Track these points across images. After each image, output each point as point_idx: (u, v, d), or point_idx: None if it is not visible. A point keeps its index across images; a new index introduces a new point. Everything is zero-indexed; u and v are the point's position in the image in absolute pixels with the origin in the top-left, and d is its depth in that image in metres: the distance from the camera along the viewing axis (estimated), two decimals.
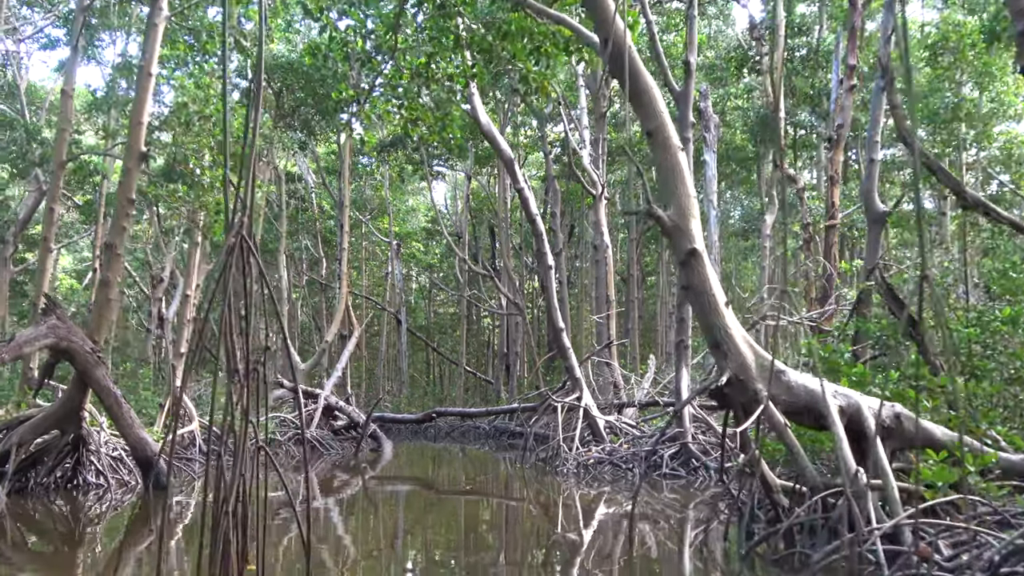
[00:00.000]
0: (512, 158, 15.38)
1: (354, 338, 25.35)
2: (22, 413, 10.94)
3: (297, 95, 25.06)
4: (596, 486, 13.65)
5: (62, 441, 10.79)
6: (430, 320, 48.87)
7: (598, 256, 21.24)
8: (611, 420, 15.77)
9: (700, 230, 7.28)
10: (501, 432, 25.62)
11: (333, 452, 19.68)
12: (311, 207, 35.54)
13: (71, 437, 10.80)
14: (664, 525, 10.50)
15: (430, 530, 10.87)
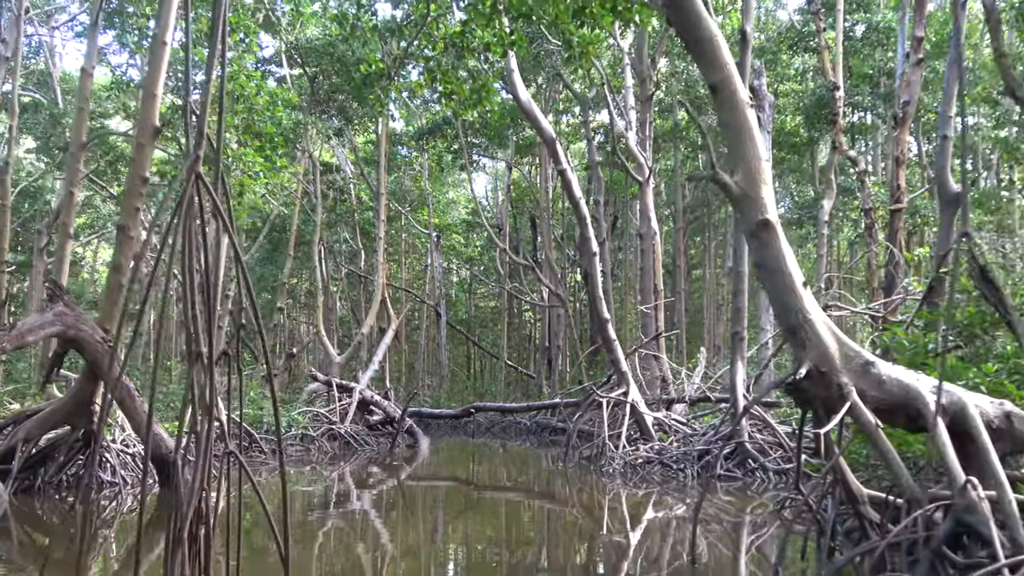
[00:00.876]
0: (554, 137, 14.44)
1: (391, 330, 24.58)
2: (29, 407, 10.26)
3: (332, 80, 24.34)
4: (644, 487, 12.71)
5: (72, 437, 10.09)
6: (471, 314, 48.09)
7: (644, 245, 20.24)
8: (660, 417, 14.78)
9: (772, 198, 6.31)
10: (543, 428, 24.72)
11: (367, 448, 18.92)
12: (349, 198, 34.85)
13: (81, 433, 10.10)
14: (717, 529, 9.67)
15: (468, 531, 10.22)
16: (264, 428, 17.05)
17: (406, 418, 19.68)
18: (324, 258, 34.92)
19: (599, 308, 14.68)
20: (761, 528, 9.39)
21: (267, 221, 31.91)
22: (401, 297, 39.04)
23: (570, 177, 14.51)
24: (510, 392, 35.90)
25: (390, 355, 35.96)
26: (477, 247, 44.58)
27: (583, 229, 14.78)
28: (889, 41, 22.38)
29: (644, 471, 13.32)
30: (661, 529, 9.87)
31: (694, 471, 12.73)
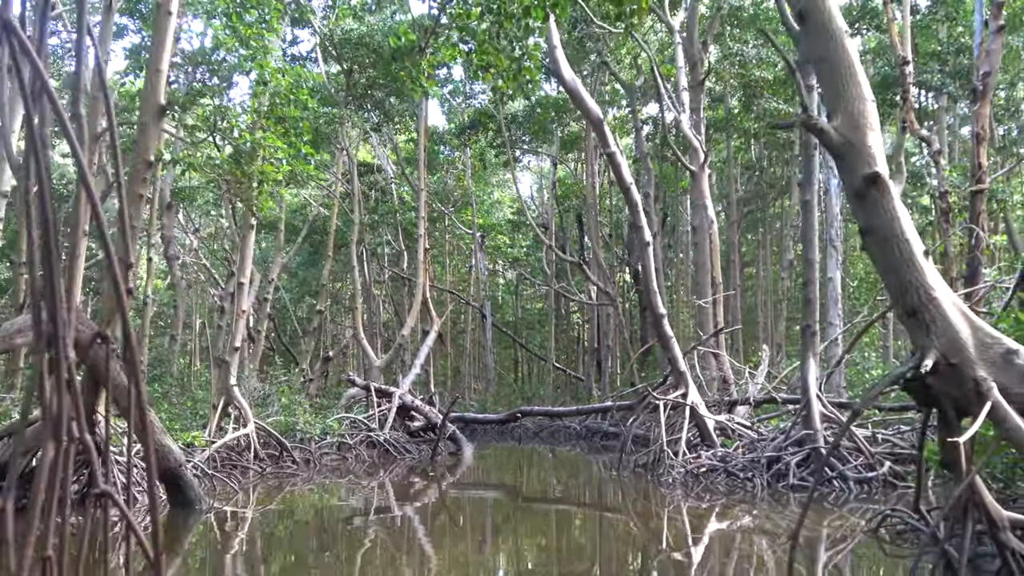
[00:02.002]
0: (601, 118, 13.29)
1: (433, 332, 23.57)
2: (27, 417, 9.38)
3: (369, 73, 23.43)
4: (708, 498, 11.50)
5: (73, 448, 9.18)
6: (517, 316, 47.07)
7: (697, 238, 18.98)
8: (722, 420, 13.54)
9: (882, 147, 5.10)
10: (593, 432, 23.56)
11: (408, 456, 17.91)
12: (391, 198, 33.98)
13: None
14: (789, 542, 8.46)
15: (515, 545, 9.32)
16: (297, 437, 16.11)
17: (448, 424, 18.63)
18: (367, 260, 34.18)
19: (654, 303, 13.47)
20: (840, 543, 8.20)
21: (306, 223, 31.22)
22: (445, 299, 38.10)
23: (619, 160, 13.34)
24: (558, 395, 34.76)
25: (435, 359, 35.06)
26: (523, 248, 43.55)
27: (635, 217, 13.60)
28: (959, 15, 20.89)
29: (707, 480, 12.10)
30: (728, 544, 8.75)
31: (764, 480, 11.48)
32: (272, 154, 10.85)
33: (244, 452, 14.07)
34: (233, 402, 14.32)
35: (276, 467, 14.66)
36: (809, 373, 11.85)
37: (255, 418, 15.30)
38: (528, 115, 30.00)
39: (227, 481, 11.90)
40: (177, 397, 19.22)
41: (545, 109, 30.14)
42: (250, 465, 13.84)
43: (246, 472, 13.76)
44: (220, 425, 14.36)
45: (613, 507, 12.35)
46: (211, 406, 14.51)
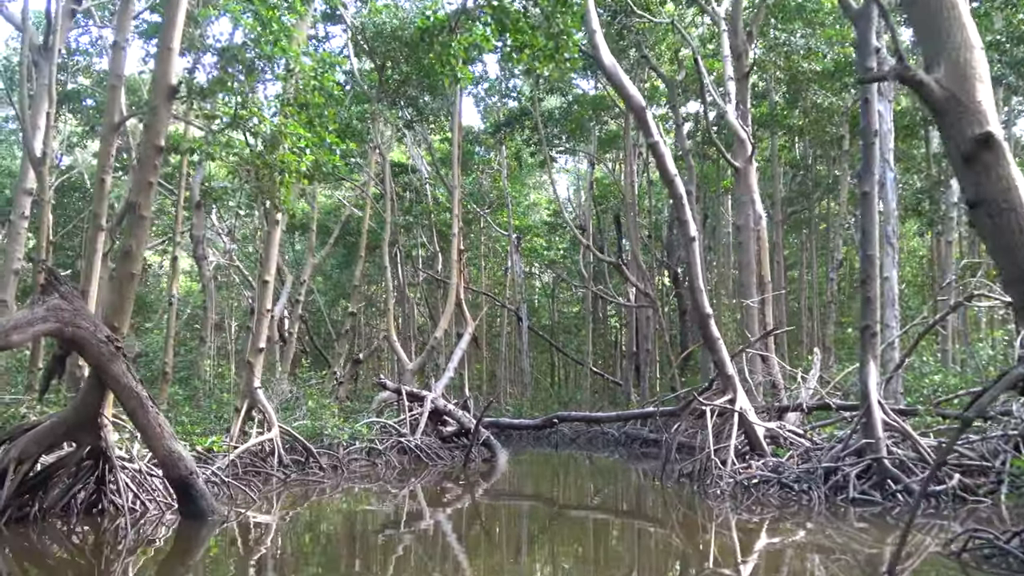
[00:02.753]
0: (643, 105, 12.52)
1: (467, 334, 22.88)
2: (25, 421, 8.78)
3: (402, 68, 22.83)
4: (759, 511, 10.67)
5: (76, 455, 8.57)
6: (554, 320, 46.31)
7: (741, 237, 18.07)
8: (772, 427, 12.66)
9: (993, 103, 4.30)
10: (632, 439, 22.75)
11: (440, 463, 17.22)
12: (425, 199, 33.40)
13: (88, 450, 8.57)
14: (848, 561, 7.80)
15: (552, 557, 8.71)
16: (326, 442, 15.48)
17: (482, 429, 17.91)
18: (401, 263, 33.64)
19: (700, 302, 12.66)
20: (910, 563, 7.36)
21: (339, 223, 30.71)
22: (481, 302, 37.43)
23: (663, 151, 12.55)
24: (596, 400, 33.93)
25: (469, 363, 34.38)
26: (560, 250, 42.81)
27: (679, 211, 12.80)
28: (1019, 1, 19.81)
29: (758, 492, 11.24)
30: (780, 562, 8.05)
31: (821, 493, 10.60)
32: (294, 143, 10.20)
33: (268, 458, 13.45)
34: (257, 405, 13.72)
35: (301, 473, 14.02)
36: (869, 377, 10.97)
37: (281, 422, 14.70)
38: (565, 113, 29.25)
39: (245, 490, 11.20)
40: (204, 400, 18.73)
41: (582, 106, 29.37)
42: (273, 472, 13.20)
43: (269, 479, 13.13)
44: (244, 429, 13.76)
45: (656, 518, 11.57)
46: (234, 409, 13.92)
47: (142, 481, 9.32)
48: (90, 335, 7.96)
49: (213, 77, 10.94)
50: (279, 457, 13.45)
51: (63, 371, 8.92)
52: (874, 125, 11.32)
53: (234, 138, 11.48)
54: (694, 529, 10.22)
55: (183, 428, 13.30)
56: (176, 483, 8.49)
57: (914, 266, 34.53)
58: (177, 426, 13.59)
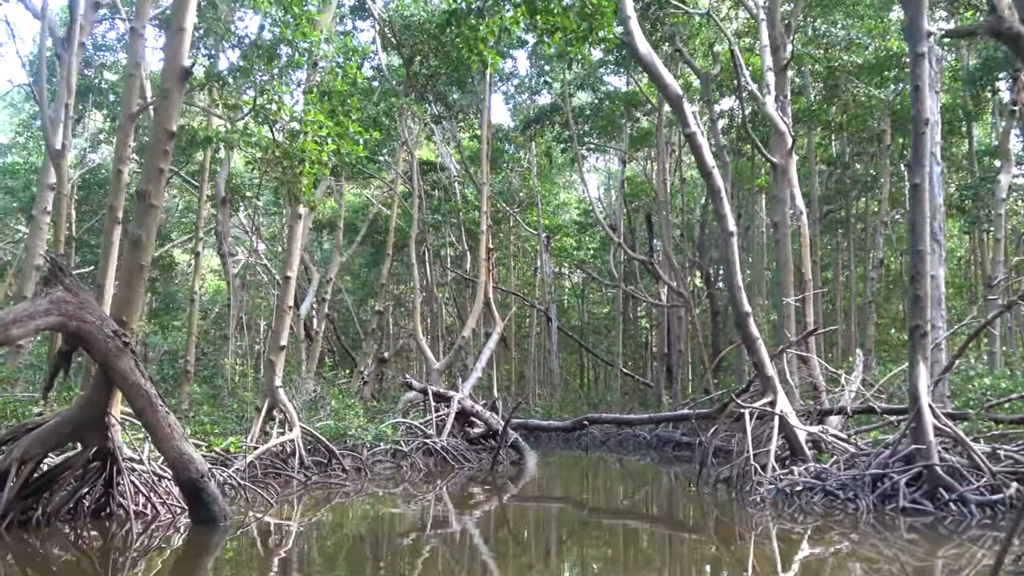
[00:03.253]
0: (680, 95, 11.98)
1: (496, 334, 22.40)
2: (29, 420, 8.39)
3: (430, 62, 22.41)
4: (801, 520, 10.10)
5: (83, 456, 8.18)
6: (583, 320, 45.77)
7: (778, 235, 17.45)
8: (814, 431, 12.07)
9: None
10: (664, 442, 22.19)
11: (467, 465, 16.75)
12: (454, 197, 32.98)
13: (95, 451, 8.18)
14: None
15: (581, 564, 8.30)
16: (349, 443, 15.06)
17: (510, 431, 17.42)
18: (430, 262, 33.27)
19: (738, 299, 12.08)
20: None
21: (366, 221, 30.37)
22: (510, 302, 36.96)
23: (700, 142, 12.00)
24: (626, 402, 33.38)
25: (498, 363, 33.94)
26: (590, 250, 42.27)
27: (717, 205, 12.24)
28: None
29: (801, 500, 10.65)
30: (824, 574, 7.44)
31: (869, 502, 10.00)
32: (316, 131, 9.78)
33: (289, 459, 13.04)
34: (278, 405, 13.32)
35: (323, 475, 13.61)
36: (920, 379, 10.36)
37: (304, 422, 14.31)
38: (596, 109, 28.72)
39: (262, 493, 10.76)
40: (228, 399, 18.39)
41: (614, 103, 28.83)
42: (293, 474, 12.78)
43: (289, 481, 12.72)
44: (264, 429, 13.37)
45: (691, 526, 11.03)
46: (255, 409, 13.53)
47: (154, 484, 8.92)
48: (96, 329, 7.56)
49: (234, 65, 10.56)
50: (300, 459, 13.04)
51: (68, 367, 8.54)
52: (925, 113, 10.71)
53: (255, 128, 11.10)
54: (732, 537, 9.68)
55: (201, 428, 12.93)
56: (186, 486, 8.07)
57: (952, 266, 33.61)
58: (196, 425, 13.25)
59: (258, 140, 10.16)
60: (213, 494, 8.11)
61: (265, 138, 10.25)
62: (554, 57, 25.68)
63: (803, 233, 16.15)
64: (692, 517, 11.50)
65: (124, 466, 8.36)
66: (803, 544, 8.91)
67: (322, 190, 25.51)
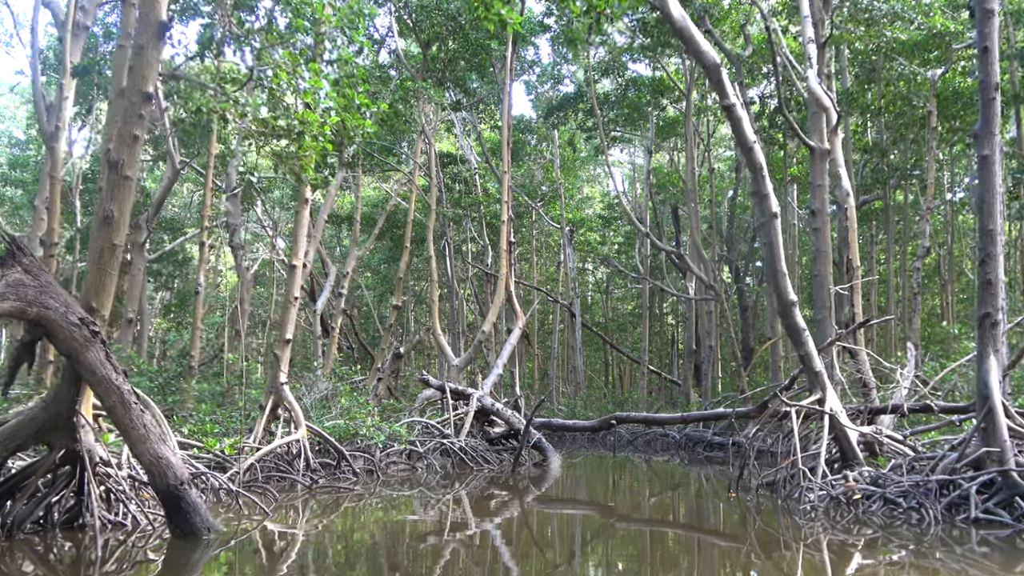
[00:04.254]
0: (717, 63, 10.90)
1: (517, 329, 21.38)
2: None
3: (448, 46, 21.43)
4: (856, 531, 9.02)
5: (49, 459, 7.25)
6: (608, 317, 44.71)
7: (817, 223, 16.29)
8: (868, 432, 10.96)
9: None
10: (695, 442, 21.15)
11: (487, 467, 15.75)
12: (475, 190, 32.03)
13: (61, 454, 7.24)
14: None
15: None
16: (361, 443, 14.10)
17: (533, 430, 16.39)
18: (450, 256, 32.34)
19: (782, 287, 11.00)
20: None
21: (384, 214, 29.44)
22: (533, 299, 35.97)
23: (740, 114, 10.93)
24: (653, 401, 32.34)
25: (521, 361, 32.94)
26: (615, 245, 41.21)
27: (758, 184, 11.16)
28: None
29: (858, 509, 9.55)
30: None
31: (936, 512, 8.90)
32: (316, 101, 8.81)
33: (294, 461, 12.09)
34: (283, 403, 12.37)
35: (332, 479, 12.66)
36: (990, 375, 9.25)
37: (313, 422, 13.38)
38: (621, 95, 27.64)
39: (256, 501, 9.70)
40: (237, 396, 17.49)
41: (640, 89, 27.75)
42: (298, 477, 11.81)
43: (294, 485, 11.76)
44: (269, 429, 12.44)
45: (729, 534, 9.97)
46: (259, 407, 12.59)
47: (133, 491, 7.98)
48: (59, 316, 6.62)
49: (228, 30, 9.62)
50: (306, 460, 12.08)
51: (32, 359, 7.61)
52: (994, 77, 9.59)
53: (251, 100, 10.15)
54: (784, 551, 8.62)
55: (200, 427, 12.02)
56: (164, 494, 7.10)
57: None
58: (195, 424, 12.35)
59: (255, 112, 9.19)
60: (194, 503, 7.15)
61: (261, 108, 9.28)
62: (577, 40, 24.60)
63: (850, 217, 15.00)
64: (734, 526, 10.44)
65: (97, 471, 7.42)
66: (866, 559, 7.85)
67: (337, 181, 24.64)
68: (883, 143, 25.97)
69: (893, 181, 26.78)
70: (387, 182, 34.90)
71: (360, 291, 40.16)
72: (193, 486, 7.26)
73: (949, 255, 30.40)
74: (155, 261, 28.19)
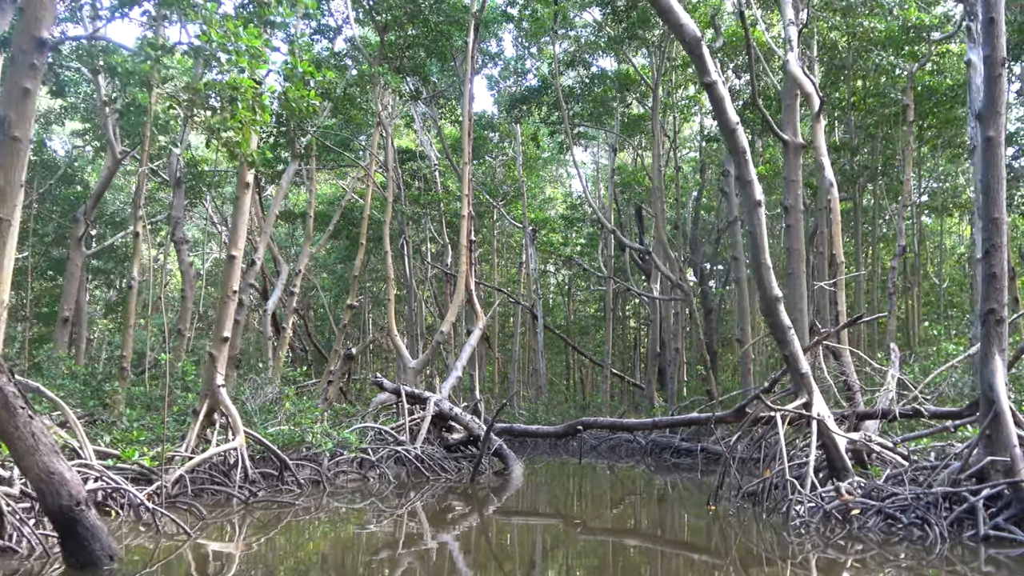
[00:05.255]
0: (698, 36, 10.01)
1: (477, 329, 20.36)
2: None
3: (408, 33, 20.38)
4: (850, 548, 8.16)
5: None
6: (569, 320, 43.83)
7: (790, 219, 15.48)
8: (859, 439, 10.10)
9: None
10: (661, 448, 20.25)
11: (445, 476, 14.70)
12: (434, 187, 30.99)
13: None
14: None
15: None
16: (305, 452, 12.98)
17: (494, 436, 15.38)
18: (409, 255, 31.29)
19: (766, 282, 10.12)
20: None
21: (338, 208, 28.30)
22: (494, 300, 34.94)
23: (721, 92, 10.05)
24: (616, 404, 31.46)
25: (480, 364, 31.88)
26: (577, 245, 40.39)
27: (741, 169, 10.26)
28: None
29: (854, 524, 8.65)
30: None
31: (942, 527, 8.02)
32: (251, 65, 7.73)
33: (231, 472, 10.95)
34: (220, 407, 11.24)
35: (273, 491, 11.54)
36: (995, 375, 8.43)
37: (255, 428, 12.27)
38: (587, 87, 26.78)
39: (175, 520, 8.47)
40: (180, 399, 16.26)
41: (606, 84, 26.90)
42: (233, 491, 10.66)
43: (229, 499, 10.62)
44: (205, 436, 11.30)
45: (708, 549, 9.07)
46: (191, 412, 11.44)
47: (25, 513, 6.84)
48: None
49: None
50: (244, 471, 10.94)
51: None
52: (1001, 51, 8.78)
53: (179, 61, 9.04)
54: (767, 568, 7.73)
55: (126, 435, 10.86)
56: (57, 516, 5.99)
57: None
58: (121, 432, 11.19)
59: (183, 75, 8.09)
60: (93, 528, 6.05)
61: (182, 61, 8.16)
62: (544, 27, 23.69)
63: (834, 209, 14.18)
64: (715, 541, 9.53)
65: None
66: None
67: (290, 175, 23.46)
68: (851, 142, 25.35)
69: (862, 180, 26.20)
70: (344, 179, 33.76)
71: (316, 292, 38.91)
72: (91, 505, 6.15)
73: (916, 257, 29.88)
74: (95, 256, 26.75)
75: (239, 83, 7.74)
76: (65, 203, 24.95)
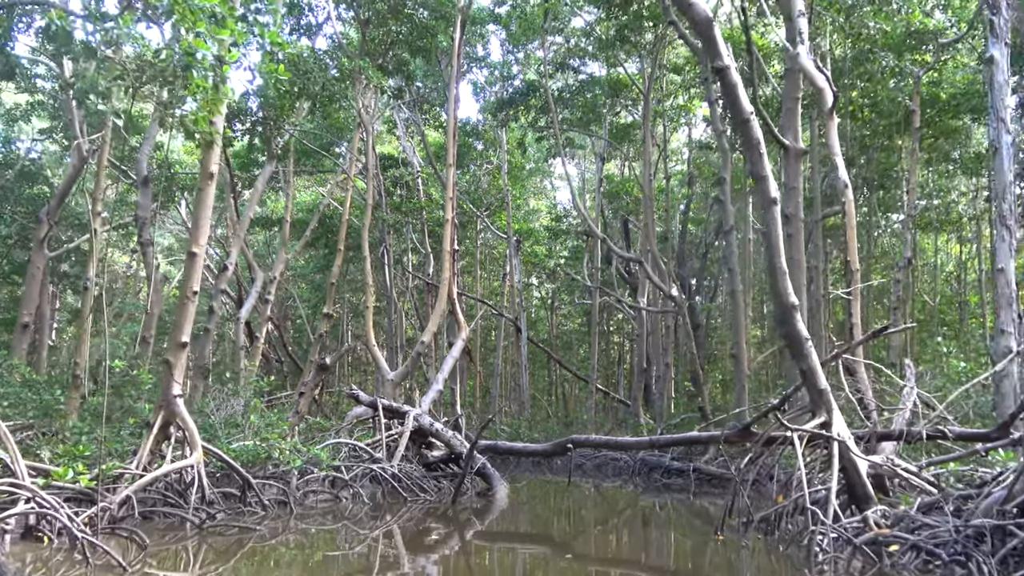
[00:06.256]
0: (709, 17, 9.09)
1: (460, 341, 19.35)
2: None
3: (389, 27, 19.44)
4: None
5: None
6: (552, 334, 42.86)
7: (791, 228, 14.57)
8: (882, 464, 9.14)
9: None
10: (651, 467, 19.24)
11: (423, 496, 13.63)
12: (417, 194, 30.03)
13: None
14: None
15: None
16: (272, 470, 11.88)
17: (477, 454, 14.33)
18: (390, 264, 30.31)
19: (781, 288, 9.17)
20: None
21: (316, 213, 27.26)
22: (476, 313, 33.91)
23: (734, 79, 9.13)
24: (601, 421, 30.44)
25: (463, 378, 30.83)
26: (562, 258, 39.47)
27: (755, 165, 9.33)
28: None
29: (889, 561, 7.65)
30: None
31: (991, 567, 7.03)
32: (204, 24, 6.72)
33: (187, 491, 9.84)
34: (176, 420, 10.15)
35: (234, 513, 10.45)
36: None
37: (216, 443, 11.19)
38: (576, 92, 25.94)
39: (108, 551, 7.26)
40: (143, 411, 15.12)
41: (596, 91, 26.07)
42: (187, 514, 9.54)
43: (183, 523, 9.50)
44: (159, 452, 10.21)
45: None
46: (145, 424, 10.35)
47: None
48: None
49: None
50: (201, 491, 9.85)
51: None
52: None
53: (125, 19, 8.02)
54: None
55: (67, 450, 9.75)
56: None
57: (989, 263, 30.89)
58: (67, 446, 10.10)
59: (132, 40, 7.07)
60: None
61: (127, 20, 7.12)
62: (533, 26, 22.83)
63: (849, 212, 13.26)
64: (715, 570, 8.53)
65: None
66: None
67: (266, 176, 22.44)
68: (847, 153, 24.57)
69: (864, 189, 25.44)
70: (323, 185, 32.75)
71: (293, 303, 37.79)
72: None
73: (909, 273, 29.12)
74: (62, 260, 25.59)
75: (195, 47, 6.74)
76: (29, 203, 23.77)
